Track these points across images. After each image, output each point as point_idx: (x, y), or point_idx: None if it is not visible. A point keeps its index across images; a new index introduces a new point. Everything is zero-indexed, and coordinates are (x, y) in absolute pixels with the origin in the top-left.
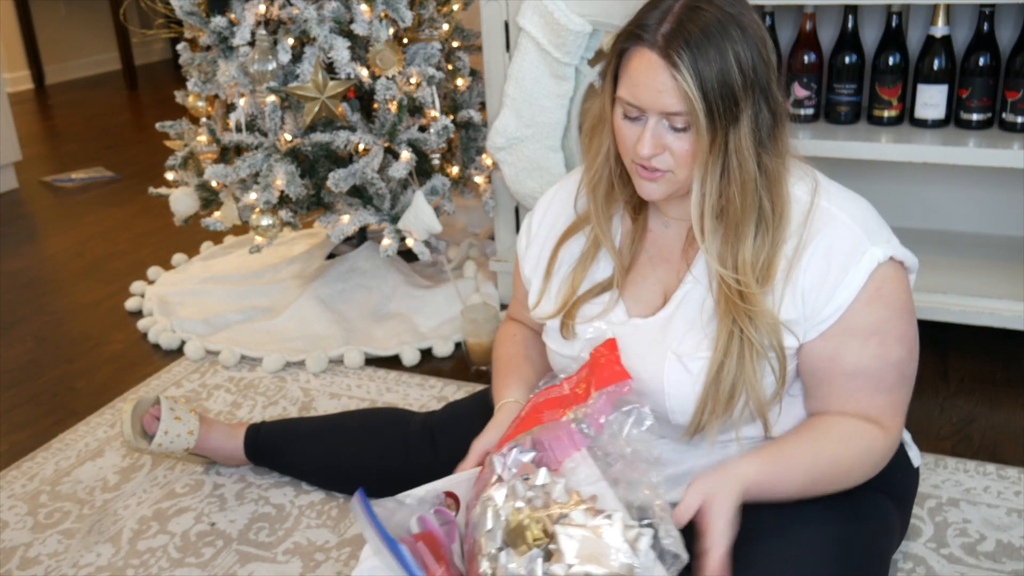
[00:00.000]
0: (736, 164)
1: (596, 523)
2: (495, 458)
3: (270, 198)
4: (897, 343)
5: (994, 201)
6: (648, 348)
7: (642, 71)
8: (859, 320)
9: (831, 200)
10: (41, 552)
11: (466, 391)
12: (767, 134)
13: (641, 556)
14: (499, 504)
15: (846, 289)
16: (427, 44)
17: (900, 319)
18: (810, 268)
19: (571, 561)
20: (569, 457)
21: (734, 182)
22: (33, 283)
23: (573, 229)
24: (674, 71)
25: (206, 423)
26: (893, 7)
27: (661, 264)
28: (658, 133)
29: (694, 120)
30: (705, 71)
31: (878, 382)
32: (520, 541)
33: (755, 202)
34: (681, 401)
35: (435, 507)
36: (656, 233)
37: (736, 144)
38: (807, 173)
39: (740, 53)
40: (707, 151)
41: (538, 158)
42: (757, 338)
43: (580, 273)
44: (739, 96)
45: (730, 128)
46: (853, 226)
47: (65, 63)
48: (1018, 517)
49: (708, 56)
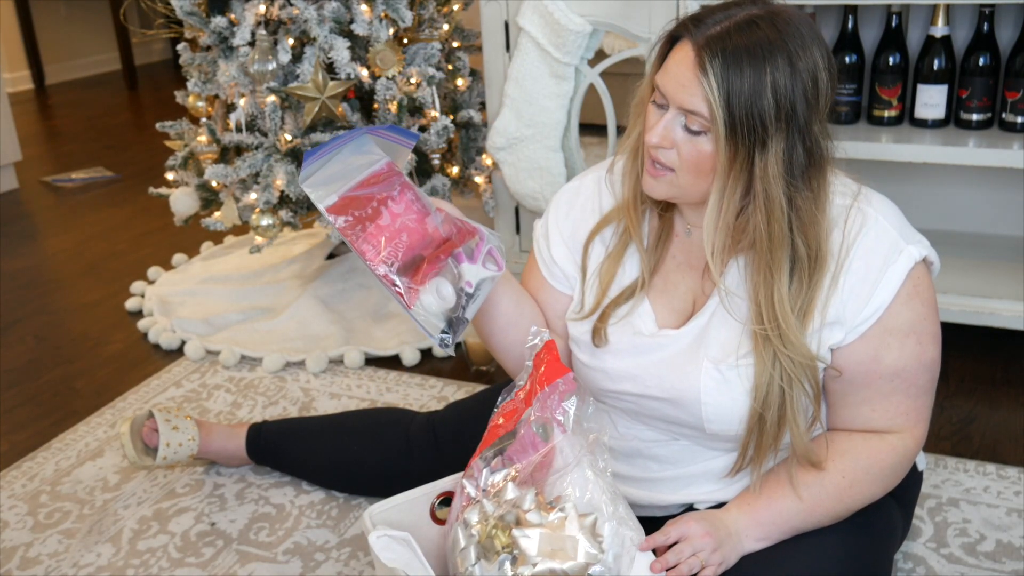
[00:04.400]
0: (760, 189)
1: (552, 519)
2: (467, 482)
3: (270, 198)
4: (932, 341)
5: (994, 201)
6: (682, 359)
7: (675, 62)
8: (898, 319)
9: (869, 203)
10: (41, 552)
11: (466, 391)
12: (800, 172)
13: (607, 539)
14: (471, 523)
15: (885, 288)
16: (427, 44)
17: (934, 318)
18: (852, 270)
19: (535, 560)
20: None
21: (759, 208)
22: (33, 283)
23: (605, 221)
24: (700, 73)
25: (204, 427)
26: (893, 7)
27: (689, 272)
28: (672, 127)
29: (713, 128)
30: (735, 85)
31: (910, 385)
32: (492, 552)
33: (786, 238)
34: (718, 409)
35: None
36: (681, 238)
37: (762, 170)
38: (848, 186)
39: (780, 83)
40: (727, 167)
41: (538, 158)
42: (794, 369)
43: (609, 273)
44: (768, 123)
45: (756, 151)
46: (890, 228)
47: (65, 63)
48: (1018, 517)
49: (742, 73)
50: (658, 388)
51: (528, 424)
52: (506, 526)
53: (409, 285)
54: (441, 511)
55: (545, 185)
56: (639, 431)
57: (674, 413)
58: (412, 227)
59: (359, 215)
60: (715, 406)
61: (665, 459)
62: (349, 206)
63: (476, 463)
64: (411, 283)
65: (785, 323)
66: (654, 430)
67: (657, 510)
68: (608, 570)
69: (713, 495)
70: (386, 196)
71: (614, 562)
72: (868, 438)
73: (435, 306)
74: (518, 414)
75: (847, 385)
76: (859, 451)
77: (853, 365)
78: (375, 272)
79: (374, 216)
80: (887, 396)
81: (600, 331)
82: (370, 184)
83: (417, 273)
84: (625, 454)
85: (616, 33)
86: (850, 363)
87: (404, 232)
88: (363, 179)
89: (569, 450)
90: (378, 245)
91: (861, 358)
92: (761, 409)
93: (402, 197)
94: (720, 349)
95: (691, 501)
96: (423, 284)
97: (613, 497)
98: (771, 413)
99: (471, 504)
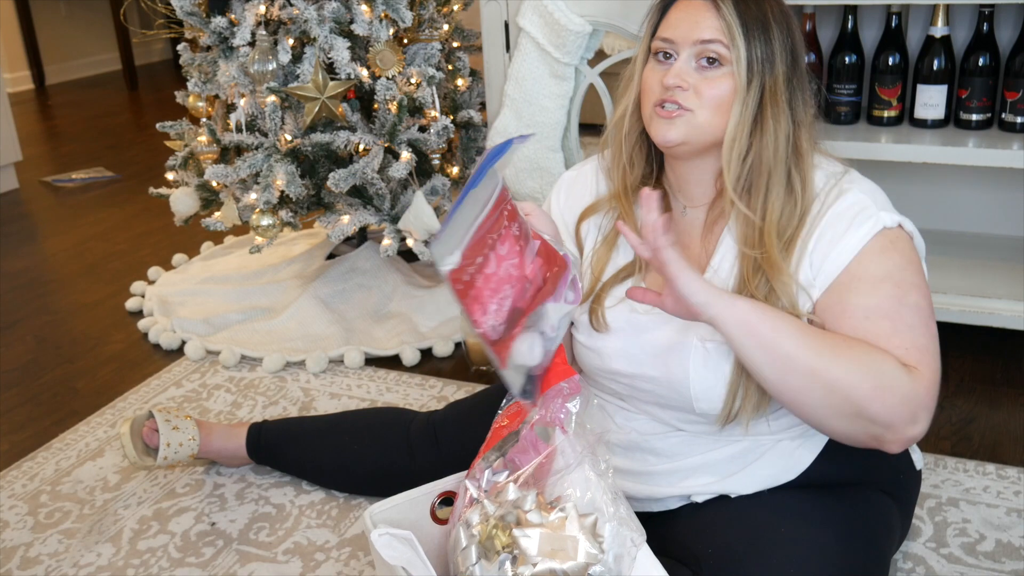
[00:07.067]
0: (770, 115)
1: (552, 519)
2: (469, 483)
3: (270, 198)
4: (914, 289)
5: (994, 201)
6: (674, 336)
7: (683, 10)
8: (869, 269)
9: (849, 180)
10: (41, 552)
11: (466, 391)
12: (799, 104)
13: (608, 539)
14: (472, 524)
15: (850, 241)
16: (427, 44)
17: (916, 271)
18: (821, 232)
19: (535, 560)
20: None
21: (767, 133)
22: (33, 283)
23: (595, 207)
24: (720, 5)
25: (204, 427)
26: (893, 7)
27: (682, 251)
28: (686, 70)
29: (733, 52)
30: (747, 13)
31: (896, 321)
32: (492, 552)
33: (785, 166)
34: (705, 387)
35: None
36: (675, 218)
37: (772, 95)
38: (832, 163)
39: (777, 16)
40: (744, 94)
41: (538, 158)
42: (778, 305)
43: (603, 257)
44: (775, 48)
45: (766, 74)
46: (864, 197)
47: (65, 63)
48: (1018, 517)
49: (750, 6)
50: (651, 366)
51: (530, 426)
52: (506, 526)
53: (502, 346)
54: (441, 511)
55: (545, 185)
56: (638, 423)
57: (665, 394)
58: (514, 275)
59: (470, 273)
60: (702, 382)
61: (663, 452)
62: (465, 261)
63: (479, 464)
64: (505, 342)
65: (770, 244)
66: (650, 419)
67: (655, 504)
68: (608, 570)
69: (711, 487)
70: (495, 237)
71: (614, 562)
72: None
73: (522, 361)
74: (522, 416)
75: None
76: (875, 350)
77: (825, 316)
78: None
79: (482, 267)
80: (868, 334)
81: (597, 312)
82: (488, 220)
83: (513, 329)
84: (623, 448)
85: (616, 33)
86: (823, 316)
87: (507, 283)
88: (484, 218)
89: (571, 451)
90: (485, 306)
91: (831, 306)
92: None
93: (507, 234)
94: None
95: (689, 493)
96: (514, 341)
97: (614, 497)
98: None
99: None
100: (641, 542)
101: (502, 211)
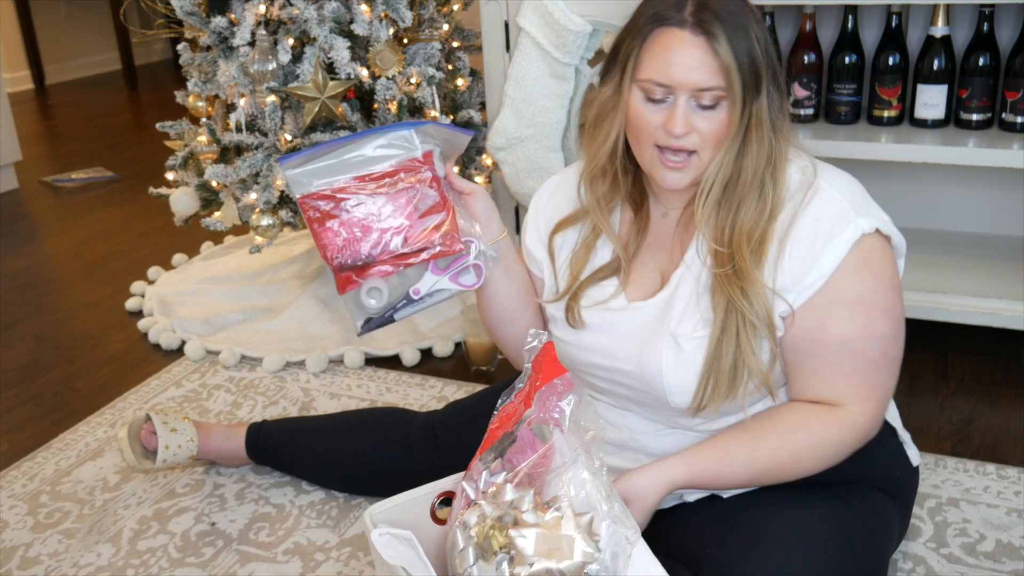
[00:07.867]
0: (755, 139)
1: (548, 518)
2: (466, 484)
3: (270, 198)
4: (884, 316)
5: (994, 201)
6: (648, 331)
7: (673, 49)
8: (845, 289)
9: (823, 177)
10: (41, 552)
11: (466, 391)
12: (777, 114)
13: (604, 537)
14: (470, 525)
15: (830, 256)
16: (427, 44)
17: (887, 292)
18: (798, 237)
19: (531, 560)
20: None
21: (749, 155)
22: (33, 283)
23: (570, 220)
24: (714, 44)
25: (202, 428)
26: (893, 7)
27: (658, 251)
28: (688, 113)
29: (730, 93)
30: (737, 45)
31: (859, 357)
32: (489, 552)
33: (761, 179)
34: (678, 381)
35: None
36: (654, 222)
37: (757, 119)
38: (803, 157)
39: (757, 32)
40: (738, 124)
41: (538, 158)
42: (751, 312)
43: (581, 259)
44: (761, 71)
45: (754, 102)
46: (840, 199)
47: (65, 63)
48: (1018, 517)
49: (737, 32)
50: (626, 361)
51: (527, 426)
52: (503, 527)
53: (345, 279)
54: (441, 511)
55: None
56: (630, 421)
57: (641, 388)
58: (371, 226)
59: (327, 208)
60: (675, 378)
61: (655, 452)
62: (323, 194)
63: (476, 465)
64: (348, 276)
65: (740, 254)
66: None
67: None
68: (605, 569)
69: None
70: (379, 190)
71: (611, 561)
72: (818, 411)
73: (361, 302)
74: (516, 416)
75: (798, 354)
76: (809, 425)
77: (801, 332)
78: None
79: (344, 205)
80: (835, 366)
81: (573, 309)
82: (375, 175)
83: (365, 271)
84: (615, 446)
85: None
86: (798, 331)
87: (357, 228)
88: (370, 171)
89: (567, 449)
90: (334, 238)
91: (808, 324)
92: (716, 346)
93: (397, 195)
94: (681, 320)
95: (680, 492)
96: (362, 280)
97: (609, 496)
98: (727, 351)
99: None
100: (636, 539)
101: (399, 176)
